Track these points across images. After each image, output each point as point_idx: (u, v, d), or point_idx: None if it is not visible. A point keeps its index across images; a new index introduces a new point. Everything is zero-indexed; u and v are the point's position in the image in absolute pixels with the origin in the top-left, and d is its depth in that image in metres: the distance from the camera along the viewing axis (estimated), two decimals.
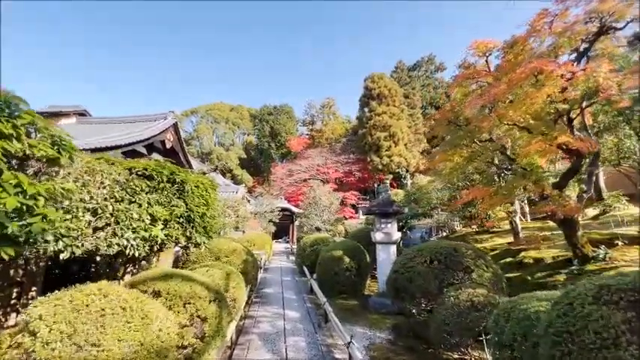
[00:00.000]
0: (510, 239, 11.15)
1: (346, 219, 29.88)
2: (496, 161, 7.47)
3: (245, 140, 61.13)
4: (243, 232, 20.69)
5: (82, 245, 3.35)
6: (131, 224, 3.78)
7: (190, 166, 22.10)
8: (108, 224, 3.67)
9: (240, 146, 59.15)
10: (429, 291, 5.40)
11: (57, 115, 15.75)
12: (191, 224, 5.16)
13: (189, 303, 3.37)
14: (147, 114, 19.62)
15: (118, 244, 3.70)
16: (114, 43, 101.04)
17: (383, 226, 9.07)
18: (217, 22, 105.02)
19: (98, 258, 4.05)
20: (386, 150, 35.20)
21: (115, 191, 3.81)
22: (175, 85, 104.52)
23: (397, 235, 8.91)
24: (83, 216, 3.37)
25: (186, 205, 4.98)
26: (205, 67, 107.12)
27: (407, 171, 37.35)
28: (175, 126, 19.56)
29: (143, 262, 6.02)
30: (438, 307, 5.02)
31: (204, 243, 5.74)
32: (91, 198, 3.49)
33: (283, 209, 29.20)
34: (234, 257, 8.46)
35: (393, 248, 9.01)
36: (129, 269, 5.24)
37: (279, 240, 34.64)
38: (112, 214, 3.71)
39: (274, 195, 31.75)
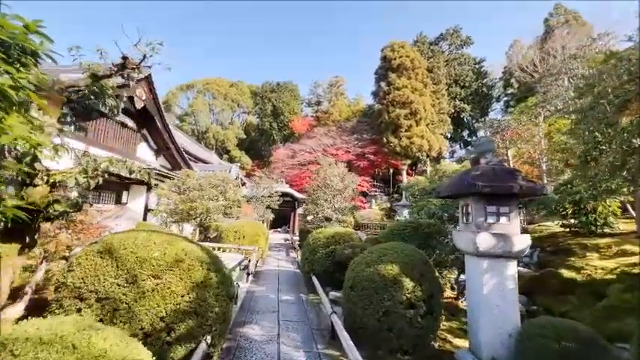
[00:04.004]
0: None
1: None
2: None
3: (245, 120, 55.99)
4: (237, 217, 16.38)
5: None
6: None
7: (171, 136, 17.24)
8: None
9: (239, 125, 54.04)
10: None
11: None
12: None
13: None
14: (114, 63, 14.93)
15: None
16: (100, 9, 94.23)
17: (490, 220, 4.35)
18: None
19: None
20: (406, 130, 30.13)
21: None
22: (169, 58, 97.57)
23: (525, 243, 4.22)
24: None
25: None
26: (202, 38, 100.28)
27: (427, 156, 32.47)
28: (149, 80, 14.73)
29: None
30: None
31: None
32: None
33: (284, 194, 24.70)
34: (172, 277, 3.79)
35: (513, 267, 4.31)
36: None
37: (278, 229, 30.50)
38: None
39: (274, 179, 27.12)
